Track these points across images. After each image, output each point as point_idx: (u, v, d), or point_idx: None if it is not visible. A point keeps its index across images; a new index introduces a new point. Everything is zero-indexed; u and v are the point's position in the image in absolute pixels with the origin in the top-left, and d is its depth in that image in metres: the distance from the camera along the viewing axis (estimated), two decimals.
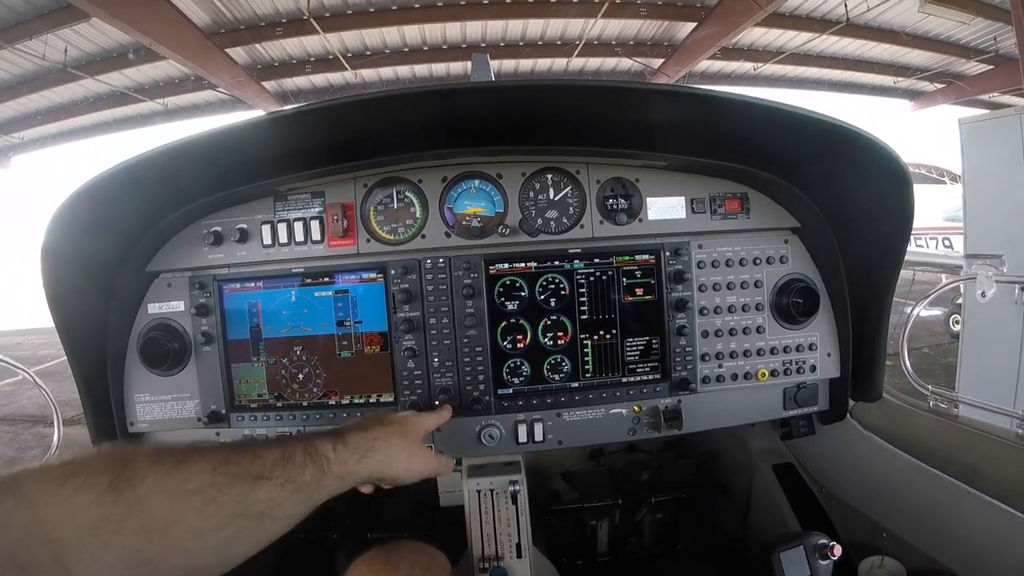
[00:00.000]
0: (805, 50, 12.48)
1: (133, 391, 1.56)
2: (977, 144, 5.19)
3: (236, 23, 9.93)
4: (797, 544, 1.44)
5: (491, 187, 1.56)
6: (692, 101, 1.30)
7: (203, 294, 1.56)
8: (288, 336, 1.57)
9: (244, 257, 1.54)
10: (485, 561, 1.50)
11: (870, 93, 15.36)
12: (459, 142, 1.44)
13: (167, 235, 1.53)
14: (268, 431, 1.56)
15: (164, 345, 1.50)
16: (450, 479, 1.66)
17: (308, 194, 1.54)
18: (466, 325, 1.54)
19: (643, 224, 1.58)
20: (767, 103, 1.26)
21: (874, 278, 1.55)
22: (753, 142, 1.44)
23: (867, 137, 1.29)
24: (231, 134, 1.28)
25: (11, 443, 7.01)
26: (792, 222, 1.62)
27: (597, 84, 1.27)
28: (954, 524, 1.37)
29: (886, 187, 1.39)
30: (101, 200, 1.30)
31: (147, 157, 1.24)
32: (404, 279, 1.54)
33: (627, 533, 2.26)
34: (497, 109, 1.36)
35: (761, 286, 1.62)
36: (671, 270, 1.59)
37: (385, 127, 1.37)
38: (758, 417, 1.69)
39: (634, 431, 1.60)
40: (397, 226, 1.55)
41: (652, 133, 1.42)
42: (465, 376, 1.56)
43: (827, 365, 1.66)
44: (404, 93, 1.24)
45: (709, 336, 1.61)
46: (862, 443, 1.63)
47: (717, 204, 1.59)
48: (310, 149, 1.41)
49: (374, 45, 11.50)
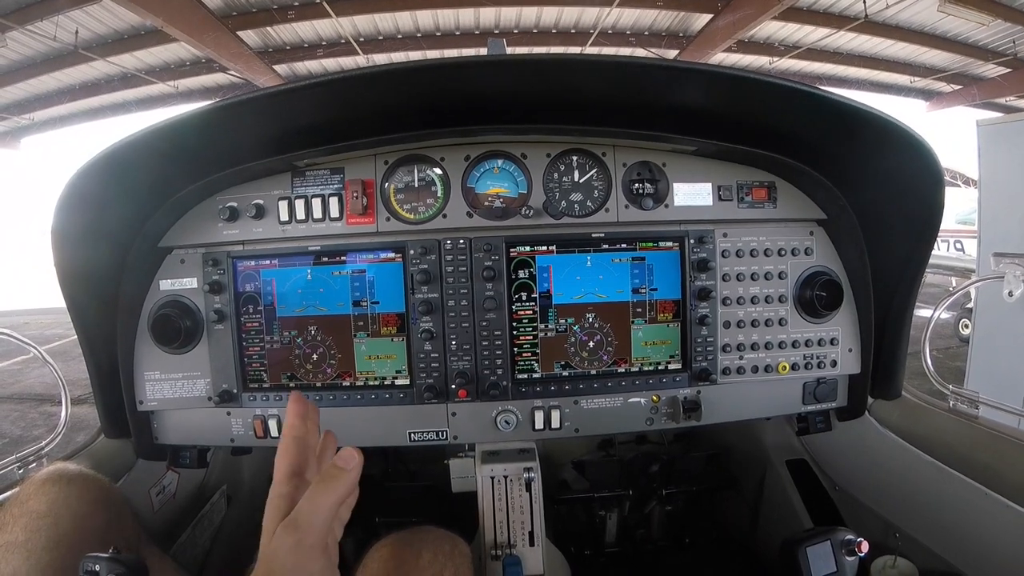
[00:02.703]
0: (821, 46, 12.35)
1: (143, 369, 1.55)
2: (995, 147, 5.13)
3: (248, 5, 9.88)
4: (824, 539, 1.41)
5: (515, 167, 1.53)
6: (726, 83, 1.27)
7: (216, 271, 1.54)
8: (303, 315, 1.55)
9: (260, 233, 1.52)
10: (497, 548, 1.49)
11: (885, 92, 15.20)
12: (482, 119, 1.41)
13: (181, 209, 1.51)
14: (280, 412, 1.55)
15: (176, 322, 1.48)
16: (463, 464, 1.64)
17: (327, 170, 1.52)
18: (485, 308, 1.51)
19: (669, 210, 1.55)
20: (806, 87, 1.22)
21: (899, 274, 1.52)
22: (784, 128, 1.41)
23: (903, 129, 1.25)
24: (249, 105, 1.24)
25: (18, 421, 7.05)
26: (819, 214, 1.59)
27: (627, 60, 1.24)
28: (969, 525, 1.35)
29: (917, 182, 1.36)
30: (118, 167, 1.27)
31: (165, 126, 1.21)
32: (423, 259, 1.52)
33: (636, 525, 2.25)
34: (522, 86, 1.32)
35: (785, 278, 1.59)
36: (695, 258, 1.56)
37: (402, 101, 1.34)
38: (777, 411, 1.67)
39: (652, 421, 1.58)
40: (418, 205, 1.52)
41: (682, 116, 1.39)
42: (483, 360, 1.54)
43: (848, 361, 1.63)
44: (426, 65, 1.21)
45: (731, 327, 1.58)
46: (879, 441, 1.61)
47: (744, 192, 1.56)
48: (329, 123, 1.37)
49: (387, 30, 11.44)
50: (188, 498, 1.83)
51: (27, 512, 1.12)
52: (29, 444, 1.46)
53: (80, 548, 1.09)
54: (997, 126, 5.29)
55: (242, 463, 2.12)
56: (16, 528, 1.09)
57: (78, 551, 1.07)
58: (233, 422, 1.57)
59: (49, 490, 1.16)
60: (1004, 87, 13.35)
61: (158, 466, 1.65)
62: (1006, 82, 13.17)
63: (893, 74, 13.81)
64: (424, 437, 1.56)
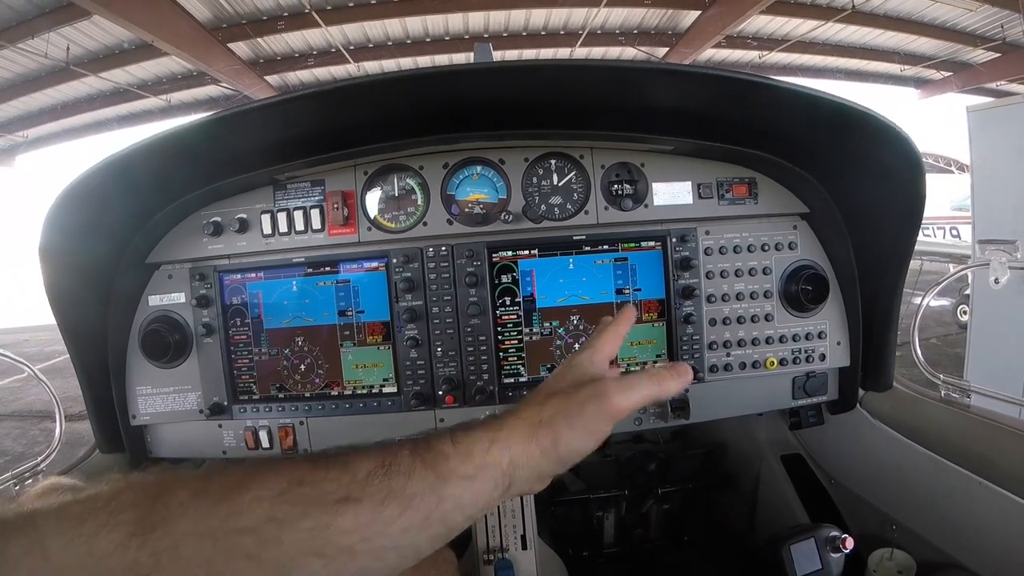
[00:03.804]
0: (810, 38, 12.38)
1: (135, 384, 1.55)
2: (986, 132, 5.15)
3: (238, 17, 9.92)
4: (808, 536, 1.41)
5: (493, 173, 1.53)
6: (705, 82, 1.27)
7: (203, 285, 1.54)
8: (290, 326, 1.55)
9: (244, 247, 1.53)
10: (490, 553, 1.49)
11: (876, 81, 15.23)
12: (460, 127, 1.41)
13: (163, 228, 1.52)
14: (270, 422, 1.55)
15: (165, 337, 1.49)
16: None
17: (308, 182, 1.52)
18: (469, 314, 1.51)
19: (649, 210, 1.55)
20: (781, 84, 1.22)
21: (885, 265, 1.52)
22: (763, 125, 1.40)
23: (880, 120, 1.25)
24: (221, 124, 1.24)
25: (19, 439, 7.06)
26: (801, 207, 1.59)
27: (601, 65, 1.24)
28: (965, 516, 1.34)
29: (898, 172, 1.36)
30: (90, 198, 1.27)
31: (132, 151, 1.21)
32: (406, 268, 1.52)
33: (633, 524, 2.24)
34: (499, 93, 1.32)
35: (770, 273, 1.59)
36: (678, 257, 1.56)
37: (383, 112, 1.34)
38: (767, 407, 1.67)
39: (640, 420, 1.58)
40: (398, 214, 1.53)
41: (659, 116, 1.39)
42: (469, 366, 1.54)
43: (837, 354, 1.63)
44: (402, 76, 1.21)
45: (717, 324, 1.58)
46: (872, 433, 1.60)
47: (724, 189, 1.56)
48: (307, 136, 1.38)
49: (376, 37, 11.49)
50: None
51: None
52: (28, 461, 1.46)
53: None
54: (987, 111, 5.31)
55: None
56: None
57: None
58: (224, 434, 1.57)
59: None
60: (994, 72, 13.38)
61: None
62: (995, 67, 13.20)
63: (883, 63, 13.85)
64: None
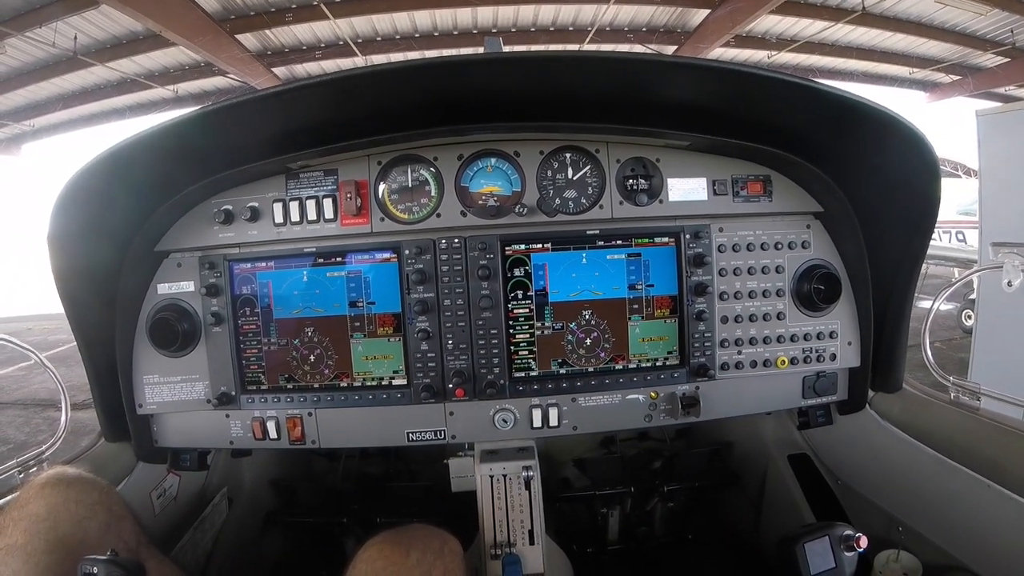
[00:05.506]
0: (820, 39, 12.29)
1: (142, 372, 1.55)
2: (995, 136, 5.11)
3: (246, 8, 9.88)
4: (822, 535, 1.40)
5: (508, 166, 1.53)
6: (721, 77, 1.26)
7: (213, 274, 1.54)
8: (299, 317, 1.55)
9: (255, 236, 1.52)
10: (497, 547, 1.49)
11: (884, 84, 15.11)
12: (473, 119, 1.40)
13: (177, 213, 1.51)
14: (278, 413, 1.55)
15: (173, 326, 1.48)
16: (462, 464, 1.64)
17: (321, 172, 1.52)
18: (481, 307, 1.51)
19: (663, 206, 1.54)
20: (800, 81, 1.21)
21: (897, 266, 1.52)
22: (780, 122, 1.40)
23: (899, 120, 1.25)
24: (242, 108, 1.25)
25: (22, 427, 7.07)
26: (815, 207, 1.58)
27: (619, 57, 1.23)
28: (973, 519, 1.34)
29: (914, 174, 1.35)
30: (118, 167, 1.27)
31: (139, 139, 1.22)
32: (418, 259, 1.51)
33: (638, 522, 2.24)
34: (511, 85, 1.32)
35: (782, 271, 1.58)
36: (691, 253, 1.55)
37: (396, 101, 1.34)
38: (777, 406, 1.66)
39: (650, 417, 1.58)
40: (412, 205, 1.52)
41: (676, 111, 1.38)
42: (480, 359, 1.53)
43: (847, 354, 1.62)
44: (413, 65, 1.20)
45: (728, 322, 1.58)
46: (880, 434, 1.60)
47: (739, 186, 1.55)
48: (322, 124, 1.37)
49: (384, 31, 11.43)
50: (189, 501, 1.83)
51: (27, 515, 1.13)
52: (32, 449, 1.46)
53: (79, 551, 1.10)
54: (996, 115, 5.27)
55: (242, 465, 2.12)
56: (16, 531, 1.10)
57: (77, 554, 1.08)
58: (232, 424, 1.57)
59: (48, 493, 1.17)
60: (1003, 77, 13.29)
61: (159, 469, 1.65)
62: (1005, 71, 13.10)
63: (892, 66, 13.73)
64: (422, 437, 1.56)
